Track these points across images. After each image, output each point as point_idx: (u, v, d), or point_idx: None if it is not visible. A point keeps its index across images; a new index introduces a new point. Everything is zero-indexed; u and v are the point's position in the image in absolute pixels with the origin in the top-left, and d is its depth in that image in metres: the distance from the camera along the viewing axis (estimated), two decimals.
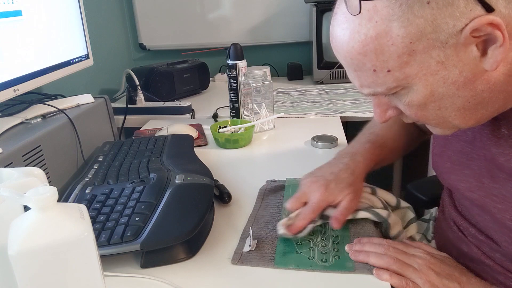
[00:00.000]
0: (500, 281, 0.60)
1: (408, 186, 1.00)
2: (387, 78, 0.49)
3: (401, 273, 0.57)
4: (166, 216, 0.64)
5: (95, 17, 1.49)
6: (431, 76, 0.48)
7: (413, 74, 0.48)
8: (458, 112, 0.51)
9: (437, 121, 0.54)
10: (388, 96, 0.54)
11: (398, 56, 0.47)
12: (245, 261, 0.62)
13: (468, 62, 0.46)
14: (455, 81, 0.48)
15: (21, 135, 0.86)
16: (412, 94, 0.50)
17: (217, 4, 1.82)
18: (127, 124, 1.33)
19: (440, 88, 0.49)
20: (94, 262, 0.46)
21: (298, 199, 0.71)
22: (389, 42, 0.47)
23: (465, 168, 0.62)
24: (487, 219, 0.60)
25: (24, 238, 0.42)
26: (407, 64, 0.47)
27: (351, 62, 0.51)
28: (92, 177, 0.82)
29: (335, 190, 0.69)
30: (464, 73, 0.47)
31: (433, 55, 0.46)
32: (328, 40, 1.56)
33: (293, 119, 1.25)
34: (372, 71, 0.49)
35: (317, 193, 0.69)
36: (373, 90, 0.52)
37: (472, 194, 0.61)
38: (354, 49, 0.49)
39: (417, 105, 0.51)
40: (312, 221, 0.68)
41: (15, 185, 0.48)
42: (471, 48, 0.46)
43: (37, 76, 0.92)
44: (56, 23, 1.00)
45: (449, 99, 0.50)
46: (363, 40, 0.48)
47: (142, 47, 1.89)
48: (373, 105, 0.58)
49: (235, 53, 1.15)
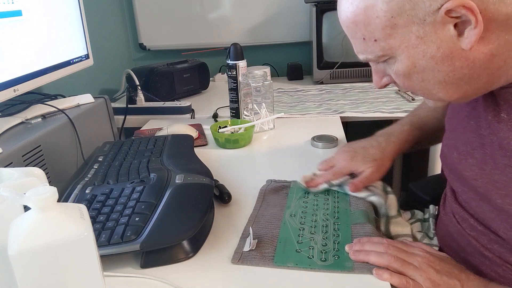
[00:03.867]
0: (499, 273, 0.61)
1: (410, 185, 1.01)
2: (374, 47, 0.55)
3: (402, 271, 0.58)
4: (166, 216, 0.64)
5: (95, 17, 1.49)
6: (412, 49, 0.53)
7: (397, 46, 0.54)
8: (440, 86, 0.55)
9: (422, 92, 0.59)
10: (382, 64, 0.59)
11: (382, 28, 0.53)
12: (245, 261, 0.62)
13: (446, 40, 0.51)
14: (433, 56, 0.52)
15: (21, 135, 0.86)
16: (398, 64, 0.56)
17: (217, 4, 1.82)
18: (127, 124, 1.33)
19: (420, 61, 0.54)
20: (94, 262, 0.46)
21: (327, 162, 0.84)
22: (374, 15, 0.53)
23: (470, 157, 0.63)
24: (486, 209, 0.61)
25: (24, 238, 0.42)
26: (391, 36, 0.53)
27: (347, 30, 0.58)
28: (92, 177, 0.82)
29: (360, 161, 0.80)
30: (441, 49, 0.52)
31: (413, 30, 0.51)
32: (328, 40, 1.57)
33: (293, 119, 1.25)
34: (362, 39, 0.56)
35: (342, 161, 0.81)
36: (366, 56, 0.58)
37: (475, 182, 0.62)
38: (348, 19, 0.56)
39: (403, 74, 0.56)
40: (328, 183, 0.80)
41: (15, 185, 0.48)
42: (448, 27, 0.50)
43: (37, 76, 0.92)
44: (56, 23, 1.00)
45: (430, 72, 0.54)
46: (354, 11, 0.54)
47: (142, 47, 1.89)
48: (372, 72, 0.63)
49: (235, 53, 1.15)
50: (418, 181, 1.03)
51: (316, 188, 0.80)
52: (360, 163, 0.80)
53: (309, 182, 0.81)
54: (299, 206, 0.76)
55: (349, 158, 0.81)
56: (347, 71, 1.61)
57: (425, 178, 1.23)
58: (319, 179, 0.81)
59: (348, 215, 0.72)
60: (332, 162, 0.83)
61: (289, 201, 0.78)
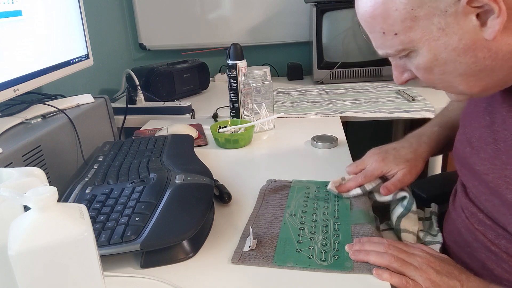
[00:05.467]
0: (505, 268, 0.61)
1: (410, 185, 1.00)
2: (394, 41, 0.54)
3: (402, 271, 0.58)
4: (166, 216, 0.64)
5: (95, 17, 1.49)
6: (434, 41, 0.52)
7: (417, 39, 0.53)
8: (462, 78, 0.55)
9: (443, 85, 0.58)
10: (403, 59, 0.58)
11: (402, 21, 0.52)
12: (245, 261, 0.62)
13: (468, 30, 0.50)
14: (455, 48, 0.51)
15: (21, 135, 0.86)
16: (419, 58, 0.55)
17: (217, 4, 1.82)
18: (127, 124, 1.33)
19: (442, 54, 0.53)
20: (94, 262, 0.46)
21: (357, 165, 0.80)
22: (393, 8, 0.51)
23: (482, 152, 0.63)
24: (496, 203, 0.61)
25: (24, 238, 0.42)
26: (411, 28, 0.52)
27: (366, 25, 0.56)
28: (92, 177, 0.82)
29: (391, 163, 0.77)
30: (464, 40, 0.51)
31: (434, 22, 0.50)
32: (328, 40, 1.57)
33: (293, 119, 1.25)
34: (381, 34, 0.55)
35: (374, 163, 0.78)
36: (385, 51, 0.57)
37: (487, 176, 0.62)
38: (366, 13, 0.55)
39: (424, 68, 0.56)
40: (362, 187, 0.76)
41: (15, 185, 0.48)
42: (470, 18, 0.49)
43: (37, 76, 0.92)
44: (56, 23, 1.00)
45: (452, 64, 0.53)
46: (373, 5, 0.53)
47: (142, 47, 1.89)
48: (392, 67, 0.62)
49: (235, 53, 1.15)
50: (418, 181, 1.03)
51: (347, 193, 0.77)
52: (392, 164, 0.77)
53: (339, 187, 0.77)
54: (299, 206, 0.76)
55: (380, 159, 0.78)
56: (347, 71, 1.61)
57: (425, 178, 1.22)
58: (350, 184, 0.77)
59: (348, 215, 0.72)
60: (362, 165, 0.80)
61: (289, 201, 0.77)
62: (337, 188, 0.77)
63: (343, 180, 0.79)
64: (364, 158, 0.81)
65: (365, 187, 0.77)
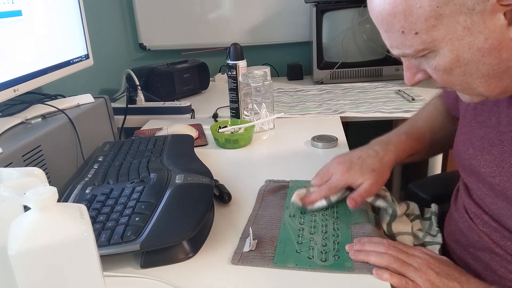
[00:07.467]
0: (509, 270, 0.61)
1: (410, 185, 1.01)
2: (414, 40, 0.51)
3: (401, 271, 0.58)
4: (166, 216, 0.64)
5: (95, 17, 1.49)
6: (457, 41, 0.49)
7: (440, 38, 0.50)
8: (483, 79, 0.52)
9: (462, 87, 0.55)
10: (417, 59, 0.55)
11: (425, 19, 0.49)
12: (245, 261, 0.61)
13: (495, 30, 0.47)
14: (480, 48, 0.49)
15: (21, 135, 0.86)
16: (439, 58, 0.52)
17: (217, 4, 1.82)
18: (127, 124, 1.33)
19: (465, 54, 0.50)
20: (94, 262, 0.46)
21: (322, 177, 0.76)
22: (417, 5, 0.48)
23: (487, 154, 0.62)
24: (502, 206, 0.61)
25: (24, 238, 0.42)
26: (434, 27, 0.49)
27: (382, 23, 0.53)
28: (92, 177, 0.82)
29: (357, 173, 0.73)
30: (490, 40, 0.48)
31: (460, 20, 0.48)
32: (328, 40, 1.57)
33: (293, 119, 1.25)
34: (400, 33, 0.51)
35: (338, 173, 0.74)
36: (402, 51, 0.54)
37: (493, 179, 0.61)
38: (385, 10, 0.51)
39: (443, 69, 0.53)
40: (327, 199, 0.74)
41: (15, 185, 0.48)
42: (498, 16, 0.47)
43: (37, 76, 0.92)
44: (56, 23, 1.00)
45: (474, 65, 0.51)
46: (393, 1, 0.50)
47: (142, 47, 1.89)
48: (403, 68, 0.59)
49: (235, 53, 1.15)
50: (418, 181, 1.03)
51: (312, 205, 0.74)
52: (358, 174, 0.73)
53: (304, 199, 0.75)
54: (297, 207, 0.75)
55: (345, 170, 0.74)
56: (347, 71, 1.61)
57: (425, 178, 1.23)
58: (315, 196, 0.74)
59: (347, 215, 0.72)
60: (326, 175, 0.76)
61: (287, 202, 0.77)
62: (302, 200, 0.75)
63: (308, 192, 0.76)
64: (328, 167, 0.77)
65: (330, 198, 0.74)
